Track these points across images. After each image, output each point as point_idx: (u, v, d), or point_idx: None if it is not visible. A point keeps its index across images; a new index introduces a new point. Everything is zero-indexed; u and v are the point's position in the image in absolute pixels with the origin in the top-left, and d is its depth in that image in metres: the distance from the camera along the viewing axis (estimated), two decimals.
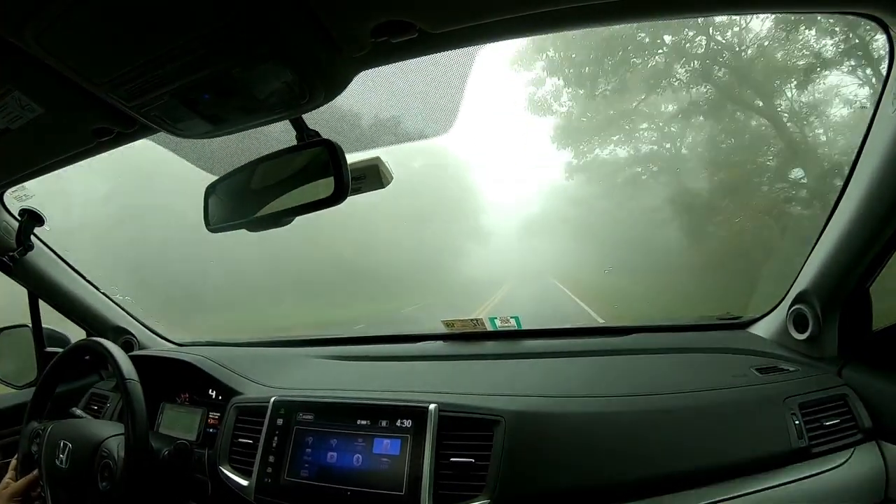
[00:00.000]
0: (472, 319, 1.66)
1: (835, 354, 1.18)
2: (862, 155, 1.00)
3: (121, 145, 1.09)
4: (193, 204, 1.06)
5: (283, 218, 0.92)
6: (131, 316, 1.95)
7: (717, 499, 0.97)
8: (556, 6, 0.68)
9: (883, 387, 1.08)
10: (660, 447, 1.00)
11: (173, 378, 1.60)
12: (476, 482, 0.99)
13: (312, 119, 0.89)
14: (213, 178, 1.02)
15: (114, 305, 1.90)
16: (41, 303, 1.76)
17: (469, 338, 1.68)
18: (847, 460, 1.03)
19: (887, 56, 0.88)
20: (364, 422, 1.13)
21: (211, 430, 1.46)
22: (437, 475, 1.02)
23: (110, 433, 1.24)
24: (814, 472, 1.01)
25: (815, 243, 1.16)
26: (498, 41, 0.78)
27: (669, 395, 1.08)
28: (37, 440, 1.32)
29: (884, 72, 0.92)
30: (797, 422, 1.05)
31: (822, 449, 1.04)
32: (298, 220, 0.94)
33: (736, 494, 0.98)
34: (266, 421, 1.23)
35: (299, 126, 0.88)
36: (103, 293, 1.87)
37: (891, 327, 1.12)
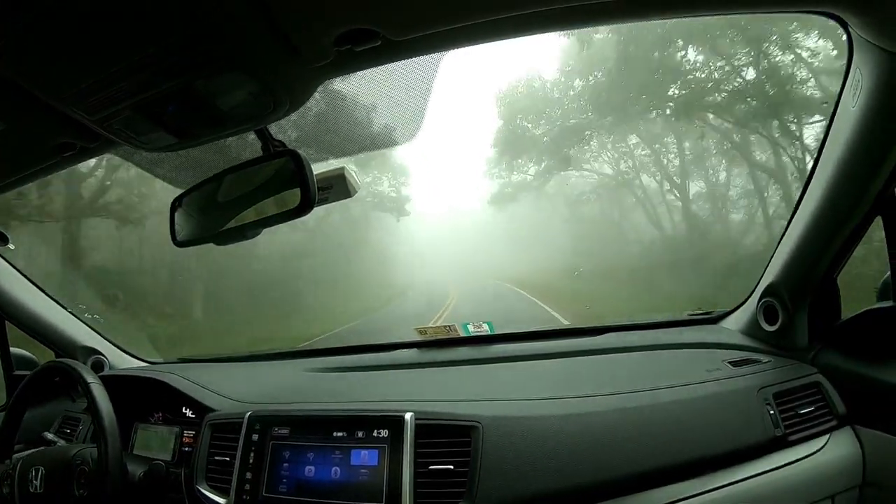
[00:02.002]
0: (444, 326, 1.66)
1: (806, 344, 1.21)
2: (824, 149, 1.02)
3: (85, 160, 1.07)
4: None
5: (250, 231, 0.91)
6: (101, 335, 1.89)
7: (697, 491, 0.98)
8: (521, 11, 0.68)
9: (855, 372, 1.10)
10: (638, 444, 1.01)
11: (146, 397, 1.56)
12: (456, 488, 0.99)
13: (278, 129, 0.88)
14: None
15: (83, 325, 1.85)
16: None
17: (443, 344, 1.68)
18: (824, 446, 1.06)
19: (847, 53, 0.90)
20: (340, 434, 1.11)
21: (186, 449, 1.42)
22: (416, 483, 1.01)
23: (83, 447, 1.22)
24: (792, 460, 1.03)
25: (782, 236, 1.18)
26: (462, 47, 0.77)
27: (644, 392, 1.09)
28: (7, 481, 1.26)
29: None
30: (772, 412, 1.07)
31: (798, 437, 1.06)
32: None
33: (715, 486, 0.99)
34: (242, 437, 1.21)
35: (264, 137, 0.87)
36: (71, 312, 1.82)
37: (859, 315, 1.14)
